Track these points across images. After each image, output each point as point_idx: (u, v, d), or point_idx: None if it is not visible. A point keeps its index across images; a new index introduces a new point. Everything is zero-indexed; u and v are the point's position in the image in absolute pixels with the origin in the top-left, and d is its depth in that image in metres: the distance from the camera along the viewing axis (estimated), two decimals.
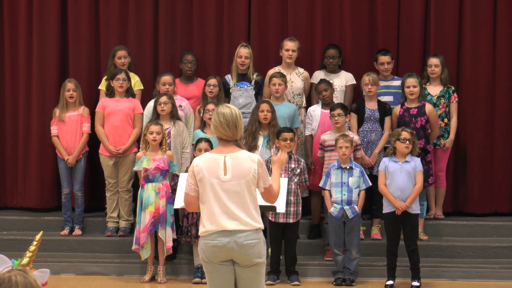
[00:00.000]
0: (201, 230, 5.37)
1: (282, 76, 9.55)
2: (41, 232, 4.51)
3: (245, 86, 9.82)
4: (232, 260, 5.35)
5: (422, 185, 8.76)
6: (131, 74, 10.01)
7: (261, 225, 5.36)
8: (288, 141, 8.84)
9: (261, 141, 9.24)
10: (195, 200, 5.42)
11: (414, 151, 8.69)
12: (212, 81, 9.64)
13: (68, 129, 9.87)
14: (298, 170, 8.92)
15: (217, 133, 5.42)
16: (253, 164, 5.33)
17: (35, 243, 4.28)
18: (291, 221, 8.83)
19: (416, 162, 8.69)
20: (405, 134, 8.63)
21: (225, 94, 9.74)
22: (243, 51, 9.81)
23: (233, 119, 5.36)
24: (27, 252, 4.11)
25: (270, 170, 8.23)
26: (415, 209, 8.63)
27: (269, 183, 5.37)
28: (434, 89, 9.82)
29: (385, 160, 8.76)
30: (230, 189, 5.31)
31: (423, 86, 9.79)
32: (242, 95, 9.79)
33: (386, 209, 8.66)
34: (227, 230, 5.28)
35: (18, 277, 3.17)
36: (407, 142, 8.59)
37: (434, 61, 9.78)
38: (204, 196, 5.35)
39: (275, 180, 5.47)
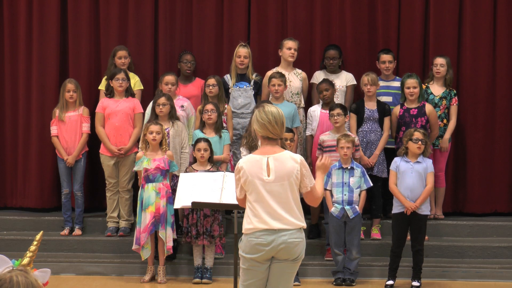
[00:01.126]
0: (247, 227, 5.44)
1: (282, 76, 9.55)
2: (41, 232, 4.52)
3: (244, 86, 9.82)
4: (272, 257, 5.42)
5: (433, 186, 8.76)
6: (131, 74, 10.01)
7: (304, 224, 5.48)
8: (288, 141, 8.84)
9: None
10: (242, 201, 5.53)
11: (426, 152, 8.68)
12: (211, 80, 9.64)
13: (67, 129, 9.87)
14: None
15: (264, 132, 5.43)
16: (295, 165, 5.39)
17: (35, 243, 4.28)
18: None
19: (427, 163, 8.67)
20: (417, 135, 8.61)
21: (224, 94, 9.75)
22: (242, 51, 9.81)
23: (281, 117, 5.42)
24: (28, 252, 4.11)
25: None
26: (424, 210, 8.62)
27: (313, 183, 5.44)
28: (437, 89, 9.82)
29: (397, 160, 8.73)
30: (274, 189, 5.38)
31: (427, 85, 9.80)
32: (241, 95, 9.79)
33: (396, 209, 8.63)
34: (272, 229, 5.37)
35: (19, 277, 3.17)
36: (419, 142, 8.58)
37: (440, 60, 9.78)
38: (250, 196, 5.44)
39: (319, 184, 5.54)
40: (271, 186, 5.37)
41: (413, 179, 8.58)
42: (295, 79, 9.85)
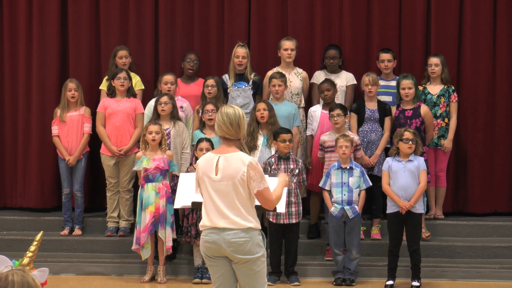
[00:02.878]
0: (200, 224, 5.61)
1: (282, 76, 9.54)
2: (41, 232, 4.52)
3: (243, 86, 9.82)
4: (225, 256, 5.49)
5: (426, 184, 8.76)
6: (132, 74, 10.01)
7: (251, 225, 5.44)
8: (287, 142, 8.84)
9: (261, 140, 9.24)
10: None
11: (418, 151, 8.68)
12: (210, 81, 9.64)
13: (69, 129, 9.87)
14: (297, 171, 8.92)
15: (220, 132, 5.54)
16: (242, 167, 5.42)
17: (35, 243, 4.29)
18: (293, 221, 8.83)
19: (419, 161, 8.68)
20: (407, 135, 8.62)
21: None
22: (240, 51, 9.81)
23: (236, 118, 5.49)
24: (28, 252, 4.11)
25: (268, 172, 8.25)
26: (419, 208, 8.63)
27: (264, 187, 5.43)
28: (434, 88, 9.82)
29: (389, 160, 8.75)
30: (220, 189, 5.46)
31: (423, 85, 9.80)
32: (240, 95, 9.79)
33: (390, 209, 8.65)
34: (217, 227, 5.44)
35: (15, 276, 3.17)
36: (410, 142, 8.59)
37: (434, 60, 9.78)
38: (202, 193, 5.56)
39: (276, 189, 5.57)
40: (217, 185, 5.45)
41: (406, 178, 8.59)
42: (295, 79, 9.85)
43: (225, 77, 9.92)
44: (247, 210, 5.46)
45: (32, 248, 4.19)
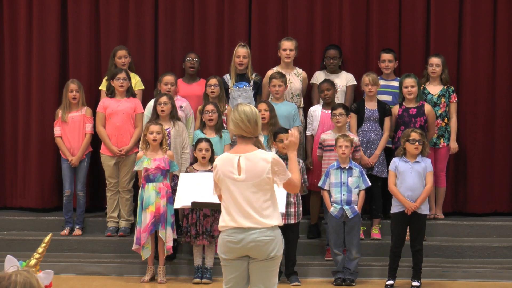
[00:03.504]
0: (221, 224, 5.54)
1: (282, 76, 9.55)
2: (50, 234, 4.52)
3: (244, 86, 9.82)
4: (247, 256, 5.47)
5: (433, 185, 8.76)
6: (132, 74, 10.01)
7: (276, 223, 5.47)
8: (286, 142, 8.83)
9: (261, 141, 9.23)
10: (220, 198, 5.59)
11: (425, 152, 8.68)
12: (213, 81, 9.64)
13: (71, 130, 9.87)
14: None
15: (237, 131, 5.53)
16: (267, 165, 5.42)
17: (43, 245, 4.29)
18: (292, 221, 8.83)
19: (426, 163, 8.67)
20: (414, 135, 8.60)
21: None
22: (241, 51, 9.81)
23: (254, 116, 5.50)
24: (35, 253, 4.11)
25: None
26: (424, 209, 8.62)
27: (288, 177, 5.45)
28: (434, 88, 9.83)
29: (396, 160, 8.73)
30: (245, 188, 5.43)
31: (423, 85, 9.80)
32: (241, 95, 9.79)
33: (395, 208, 8.64)
34: (242, 227, 5.42)
35: (18, 277, 3.18)
36: (417, 143, 8.58)
37: (435, 60, 9.79)
38: (223, 194, 5.52)
39: (293, 167, 5.53)
40: (241, 185, 5.43)
41: (413, 179, 8.58)
42: (295, 80, 9.86)
43: (226, 77, 9.92)
44: (271, 208, 5.47)
45: (40, 249, 4.20)
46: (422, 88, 9.76)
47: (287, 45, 9.80)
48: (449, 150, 9.79)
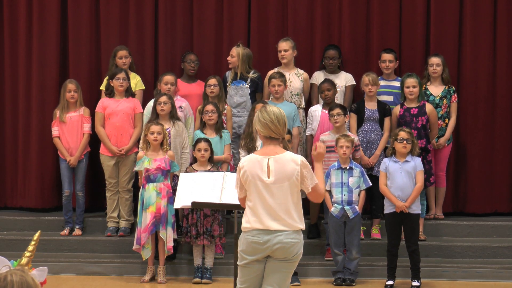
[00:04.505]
0: (246, 225, 5.50)
1: (281, 76, 9.55)
2: (39, 231, 4.51)
3: (241, 85, 9.83)
4: (267, 256, 5.47)
5: (423, 184, 8.76)
6: (133, 74, 10.02)
7: (302, 226, 5.52)
8: None
9: (259, 142, 9.23)
10: (243, 200, 5.57)
11: (414, 151, 8.69)
12: (212, 81, 9.65)
13: (69, 130, 9.87)
14: None
15: (266, 132, 5.47)
16: (296, 167, 5.42)
17: (33, 242, 4.28)
18: None
19: (416, 162, 8.69)
20: (402, 134, 8.64)
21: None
22: (232, 50, 9.86)
23: (283, 116, 5.48)
24: (26, 252, 4.11)
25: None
26: (415, 209, 8.63)
27: (315, 182, 5.47)
28: (436, 90, 9.82)
29: (386, 160, 8.78)
30: (273, 191, 5.42)
31: (424, 86, 9.79)
32: (237, 94, 9.80)
33: (387, 209, 8.67)
34: (269, 229, 5.41)
35: (14, 276, 3.17)
36: (404, 142, 8.60)
37: (435, 60, 9.78)
38: (250, 196, 5.48)
39: (319, 178, 5.56)
40: (271, 187, 5.41)
41: (403, 178, 8.61)
42: (296, 79, 9.86)
43: (228, 73, 9.97)
44: (298, 211, 5.50)
45: (30, 248, 4.19)
46: (424, 88, 9.75)
47: (282, 46, 9.82)
48: (438, 146, 9.75)
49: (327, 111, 9.50)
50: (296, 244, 5.46)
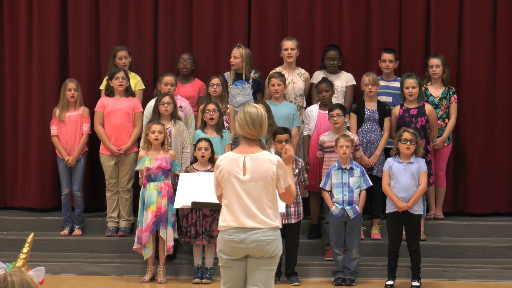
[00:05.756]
0: (222, 224, 5.52)
1: (281, 76, 9.55)
2: (32, 233, 4.51)
3: (243, 85, 9.83)
4: (246, 255, 5.47)
5: (426, 186, 8.76)
6: (133, 74, 10.02)
7: (278, 224, 5.48)
8: (283, 143, 8.83)
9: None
10: (220, 198, 5.58)
11: (418, 152, 8.67)
12: (215, 80, 9.65)
13: (68, 129, 9.87)
14: (297, 171, 8.91)
15: (241, 132, 5.51)
16: (272, 166, 5.42)
17: (27, 244, 4.28)
18: (292, 221, 8.82)
19: (420, 163, 8.67)
20: (406, 135, 8.62)
21: None
22: (234, 51, 9.86)
23: (259, 118, 5.46)
24: (21, 254, 4.11)
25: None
26: (417, 210, 8.62)
27: (289, 183, 5.47)
28: (436, 91, 9.81)
29: (390, 160, 8.75)
30: (250, 189, 5.42)
31: (424, 86, 9.79)
32: (240, 94, 9.80)
33: (389, 209, 8.66)
34: (245, 227, 5.42)
35: (13, 277, 3.18)
36: (408, 143, 8.59)
37: (435, 61, 9.78)
38: (226, 193, 5.49)
39: (290, 178, 5.54)
40: (246, 185, 5.42)
41: (406, 179, 8.60)
42: (298, 80, 9.86)
43: (227, 74, 9.96)
44: (274, 209, 5.48)
45: (25, 249, 4.19)
46: (424, 88, 9.75)
47: (288, 45, 9.81)
48: (434, 144, 9.74)
49: (324, 111, 9.50)
50: (273, 241, 5.43)
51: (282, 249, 5.55)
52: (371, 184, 8.96)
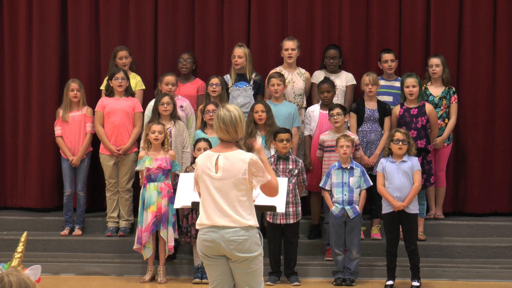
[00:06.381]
0: (197, 222, 5.57)
1: (281, 76, 9.55)
2: (25, 232, 4.52)
3: (244, 86, 9.83)
4: (226, 257, 5.48)
5: (420, 184, 8.75)
6: (133, 74, 10.02)
7: (250, 223, 5.44)
8: (285, 142, 8.84)
9: (259, 142, 9.22)
10: (199, 195, 5.60)
11: (411, 151, 8.68)
12: (215, 80, 9.65)
13: (71, 129, 9.87)
14: (296, 171, 8.91)
15: (217, 134, 5.55)
16: (244, 165, 5.42)
17: (21, 244, 4.28)
18: (291, 221, 8.82)
19: (413, 162, 8.68)
20: (398, 135, 8.64)
21: None
22: (237, 51, 9.83)
23: (233, 123, 5.45)
24: (15, 253, 4.11)
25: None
26: (413, 209, 8.63)
27: (267, 179, 5.44)
28: (436, 90, 9.81)
29: (383, 161, 8.78)
30: (221, 187, 5.44)
31: (425, 86, 9.79)
32: (241, 95, 9.80)
33: (385, 209, 8.67)
34: (216, 225, 5.42)
35: (10, 277, 3.18)
36: (400, 143, 8.60)
37: (435, 61, 9.78)
38: (201, 191, 5.54)
39: (270, 172, 5.51)
40: (218, 183, 5.44)
41: (400, 178, 8.61)
42: (298, 80, 9.86)
43: (226, 77, 9.94)
44: (246, 208, 5.45)
45: (19, 249, 4.19)
46: (424, 88, 9.75)
47: (289, 45, 9.81)
48: (434, 144, 9.74)
49: (325, 111, 9.50)
50: (244, 241, 5.40)
51: (260, 247, 5.48)
52: (372, 184, 8.96)
